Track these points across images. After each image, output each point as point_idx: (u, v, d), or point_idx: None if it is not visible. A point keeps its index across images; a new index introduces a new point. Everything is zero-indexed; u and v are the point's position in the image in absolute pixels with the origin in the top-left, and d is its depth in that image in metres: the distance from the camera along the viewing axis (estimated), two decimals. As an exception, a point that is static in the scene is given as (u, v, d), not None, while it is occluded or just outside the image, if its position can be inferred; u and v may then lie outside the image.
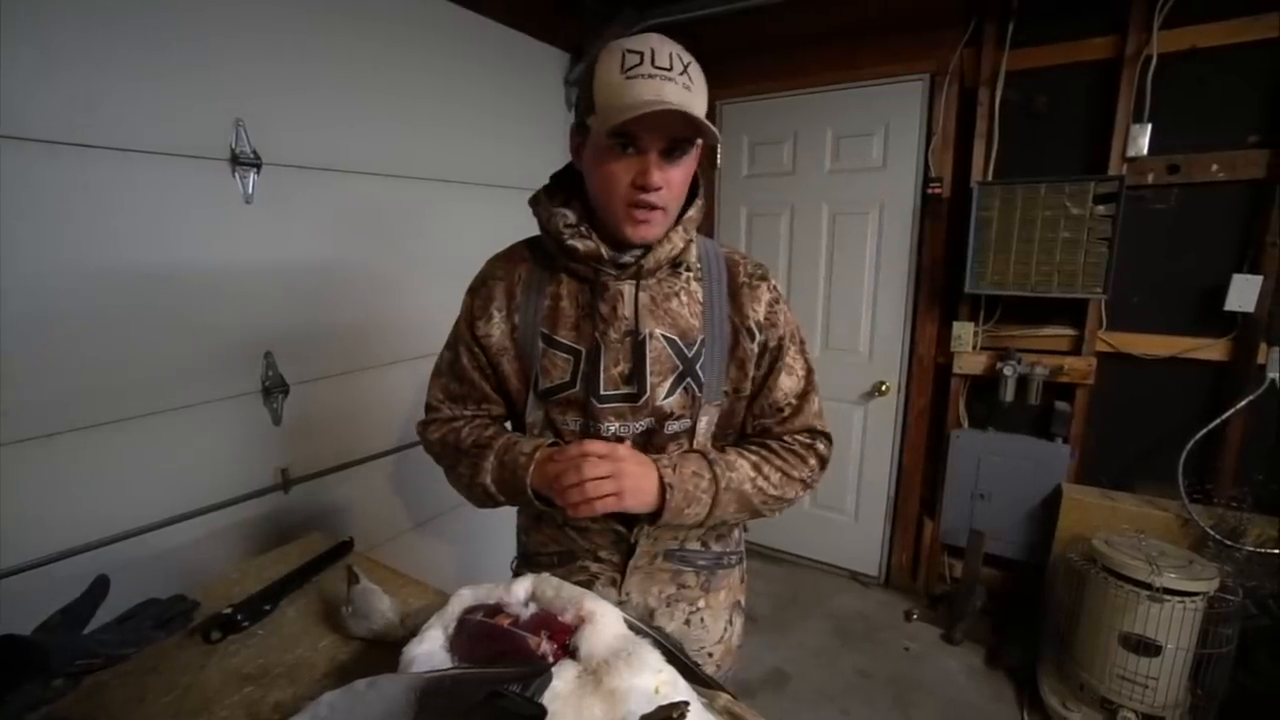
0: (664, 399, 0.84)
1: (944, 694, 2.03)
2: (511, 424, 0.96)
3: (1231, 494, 1.86)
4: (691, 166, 0.80)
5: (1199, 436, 1.85)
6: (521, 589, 0.71)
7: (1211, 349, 1.91)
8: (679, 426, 0.86)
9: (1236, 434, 1.89)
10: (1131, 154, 1.92)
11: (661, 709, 0.55)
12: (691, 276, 0.87)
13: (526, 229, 0.91)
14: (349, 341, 1.69)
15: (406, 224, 1.81)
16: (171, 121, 1.27)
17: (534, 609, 0.68)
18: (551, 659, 0.61)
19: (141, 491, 1.31)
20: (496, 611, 0.68)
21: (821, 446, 0.92)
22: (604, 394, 0.83)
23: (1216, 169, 1.84)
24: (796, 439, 0.91)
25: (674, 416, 0.85)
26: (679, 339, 0.84)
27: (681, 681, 0.61)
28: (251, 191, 1.41)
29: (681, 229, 0.83)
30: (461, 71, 1.91)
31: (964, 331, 2.25)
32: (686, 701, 0.56)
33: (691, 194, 0.85)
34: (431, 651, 0.64)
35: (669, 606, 0.95)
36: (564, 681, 0.57)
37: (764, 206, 2.67)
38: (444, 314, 0.98)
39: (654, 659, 0.61)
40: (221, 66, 1.33)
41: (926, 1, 2.16)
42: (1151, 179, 1.92)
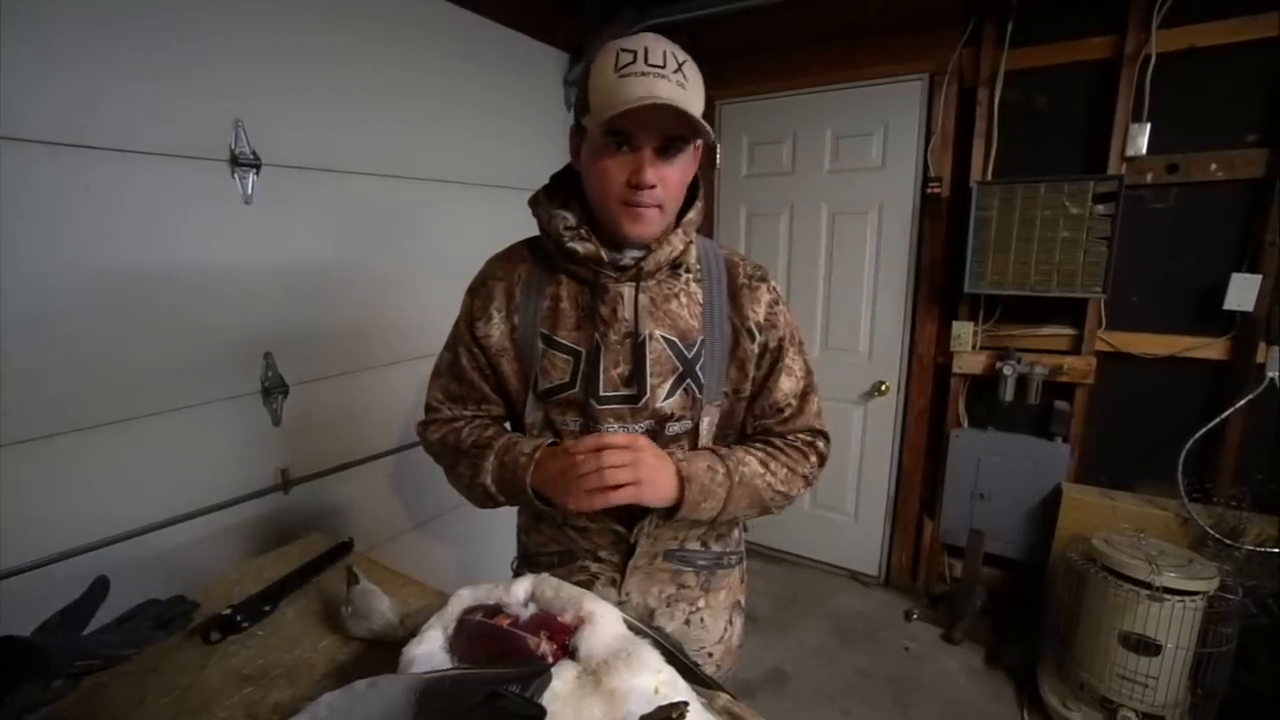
0: (664, 400, 0.84)
1: (944, 694, 2.03)
2: (511, 424, 0.96)
3: (1231, 493, 1.86)
4: (688, 166, 0.79)
5: (1198, 436, 1.85)
6: (521, 589, 0.71)
7: (1211, 348, 1.91)
8: (680, 428, 0.86)
9: (1236, 433, 1.90)
10: (1131, 153, 1.92)
11: (661, 709, 0.55)
12: (691, 278, 0.87)
13: (526, 229, 0.91)
14: (349, 342, 1.69)
15: (406, 224, 1.81)
16: (171, 122, 1.27)
17: (533, 609, 0.68)
18: (551, 659, 0.61)
19: (141, 492, 1.31)
20: (496, 612, 0.68)
21: (821, 445, 0.93)
22: (603, 395, 0.83)
23: (1215, 168, 1.84)
24: (799, 437, 0.91)
25: (674, 418, 0.85)
26: (679, 340, 0.84)
27: (681, 682, 0.61)
28: (251, 192, 1.41)
29: (681, 231, 0.84)
30: (461, 72, 1.91)
31: (963, 331, 2.25)
32: (686, 702, 0.56)
33: (692, 196, 0.86)
34: (431, 652, 0.64)
35: (669, 606, 0.95)
36: (563, 682, 0.57)
37: (763, 206, 2.67)
38: (443, 314, 0.98)
39: (653, 659, 0.61)
40: (221, 67, 1.33)
41: (926, 1, 2.16)
42: (1151, 178, 1.93)
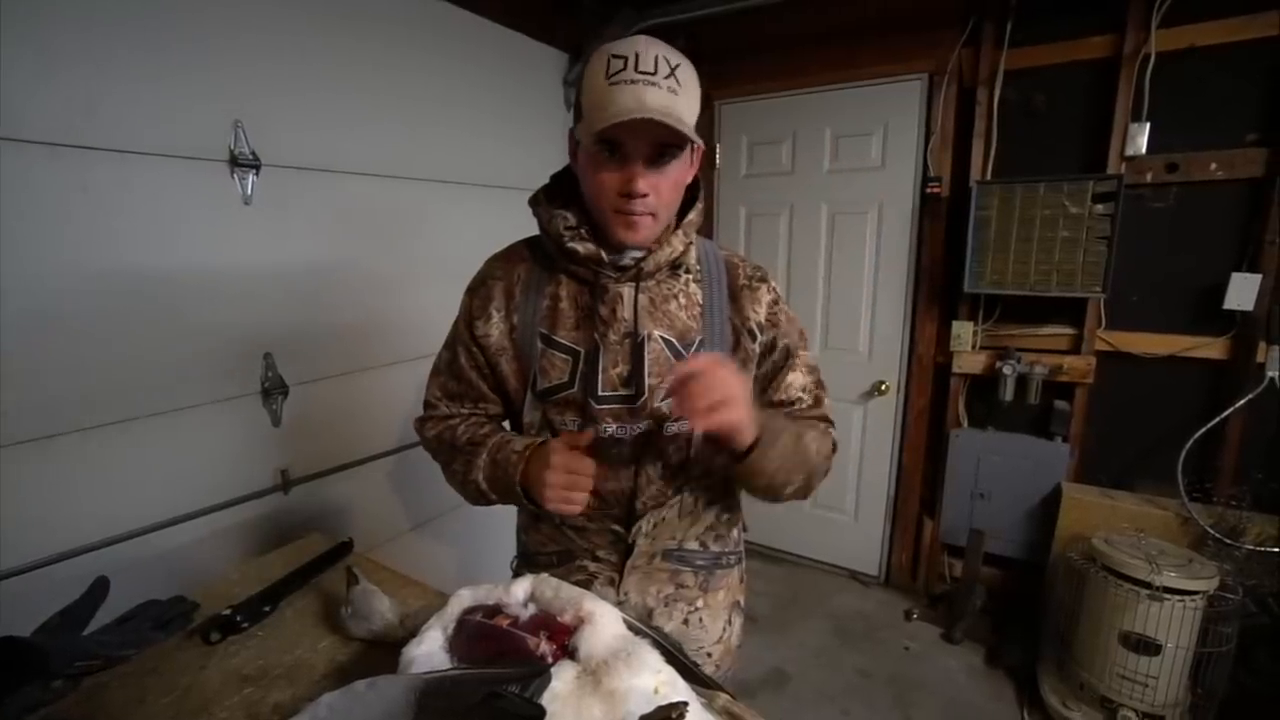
0: (662, 400, 0.84)
1: (944, 693, 2.03)
2: (510, 424, 0.96)
3: (1231, 492, 1.86)
4: (683, 171, 0.79)
5: (1198, 435, 1.85)
6: (520, 589, 0.71)
7: (1211, 347, 1.91)
8: (678, 428, 0.86)
9: (1236, 432, 1.89)
10: (1130, 153, 1.92)
11: (661, 709, 0.54)
12: (691, 279, 0.87)
13: (526, 229, 0.91)
14: (348, 342, 1.69)
15: (405, 224, 1.81)
16: (171, 123, 1.27)
17: (533, 609, 0.68)
18: (550, 659, 0.61)
19: (141, 493, 1.31)
20: (495, 612, 0.68)
21: (834, 434, 0.94)
22: (602, 395, 0.83)
23: (1215, 168, 1.84)
24: (815, 423, 0.91)
25: (673, 418, 0.85)
26: (676, 340, 0.84)
27: (681, 681, 0.61)
28: (251, 193, 1.41)
29: (681, 232, 0.83)
30: (460, 72, 1.91)
31: (963, 331, 2.25)
32: (685, 702, 0.56)
33: (692, 197, 0.85)
34: (431, 652, 0.64)
35: (667, 606, 0.95)
36: (563, 682, 0.57)
37: (763, 206, 2.67)
38: (443, 314, 0.98)
39: (653, 659, 0.61)
40: (221, 68, 1.33)
41: (925, 1, 2.16)
42: (1150, 178, 1.92)
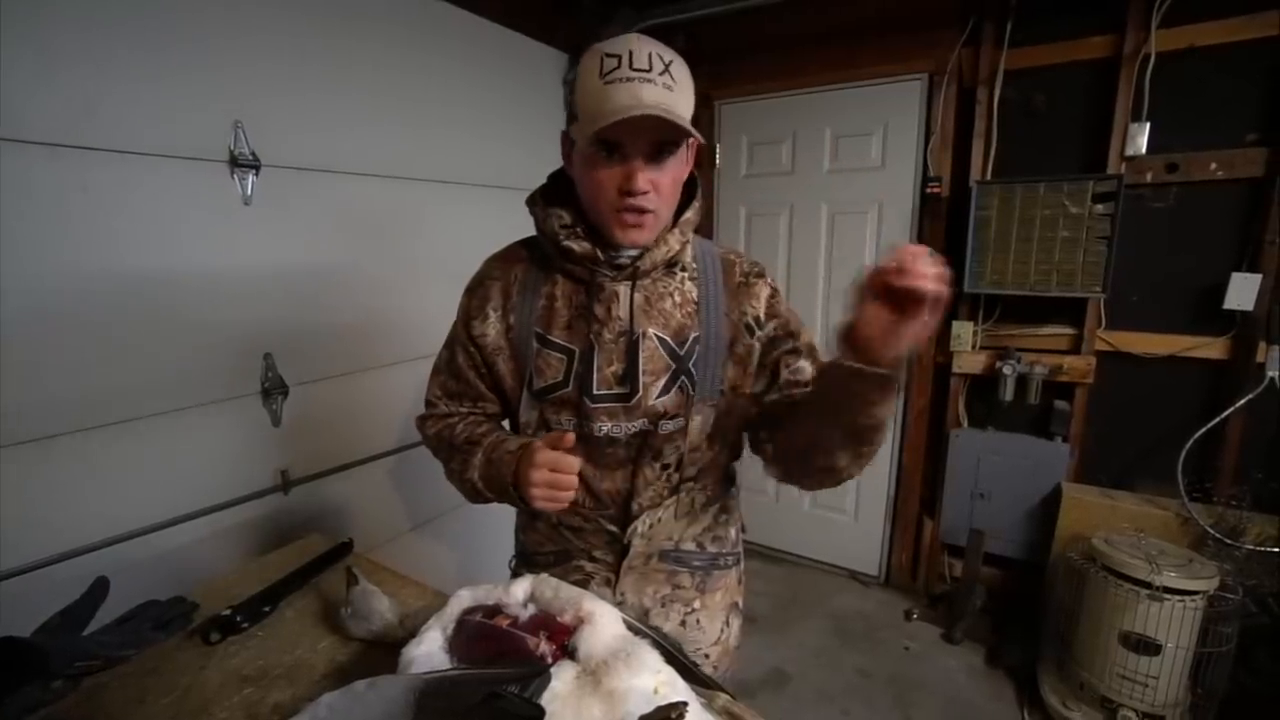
0: (657, 398, 0.84)
1: (944, 693, 2.02)
2: (509, 423, 0.97)
3: (1231, 492, 1.86)
4: (681, 168, 0.79)
5: (1198, 435, 1.85)
6: (520, 590, 0.71)
7: (1211, 347, 1.91)
8: (673, 426, 0.86)
9: (1236, 432, 1.89)
10: (1130, 153, 1.92)
11: (660, 709, 0.55)
12: (686, 276, 0.87)
13: (525, 229, 0.91)
14: (348, 342, 1.69)
15: (405, 225, 1.81)
16: (171, 123, 1.27)
17: (533, 609, 0.69)
18: (550, 660, 0.61)
19: (141, 493, 1.31)
20: (495, 612, 0.68)
21: None
22: (597, 394, 0.83)
23: (1215, 167, 1.84)
24: None
25: (668, 416, 0.85)
26: (671, 338, 0.84)
27: (680, 681, 0.61)
28: (250, 193, 1.41)
29: (678, 231, 0.83)
30: (460, 73, 1.91)
31: (963, 331, 2.25)
32: (685, 702, 0.56)
33: (689, 195, 0.85)
34: (430, 652, 0.64)
35: (664, 607, 0.95)
36: (563, 682, 0.57)
37: (763, 206, 2.66)
38: (443, 314, 0.98)
39: (653, 659, 0.61)
40: (221, 69, 1.33)
41: (925, 1, 2.16)
42: (1150, 178, 1.92)
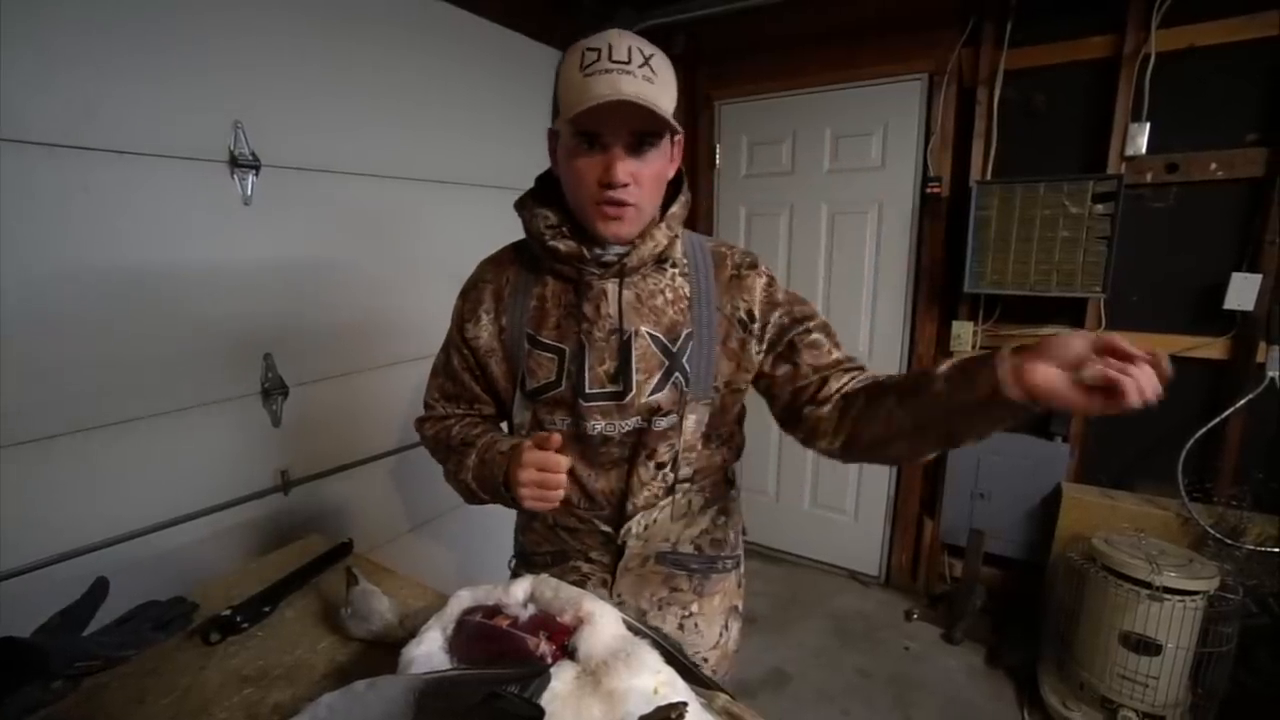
0: (651, 395, 0.83)
1: (944, 693, 2.02)
2: (507, 425, 0.97)
3: (1231, 492, 1.86)
4: (663, 162, 0.78)
5: (1199, 435, 1.85)
6: (520, 590, 0.71)
7: (1211, 347, 1.91)
8: (667, 423, 0.85)
9: (1236, 432, 1.89)
10: (1130, 153, 1.92)
11: (660, 709, 0.55)
12: (677, 272, 0.86)
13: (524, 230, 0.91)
14: (348, 343, 1.69)
15: (405, 225, 1.81)
16: (171, 124, 1.27)
17: (532, 610, 0.68)
18: (550, 660, 0.61)
19: (141, 493, 1.31)
20: (495, 612, 0.68)
21: None
22: (589, 392, 0.83)
23: (1215, 167, 1.84)
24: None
25: (663, 413, 0.85)
26: (663, 335, 0.84)
27: (680, 682, 0.61)
28: (250, 193, 1.41)
29: (665, 225, 0.82)
30: (460, 73, 1.91)
31: (963, 331, 2.25)
32: (685, 702, 0.56)
33: (676, 190, 0.85)
34: (430, 653, 0.64)
35: (661, 609, 0.95)
36: (563, 682, 0.57)
37: (763, 206, 2.65)
38: (443, 315, 0.98)
39: (653, 659, 0.61)
40: (221, 69, 1.33)
41: (925, 1, 2.16)
42: (1150, 178, 1.92)
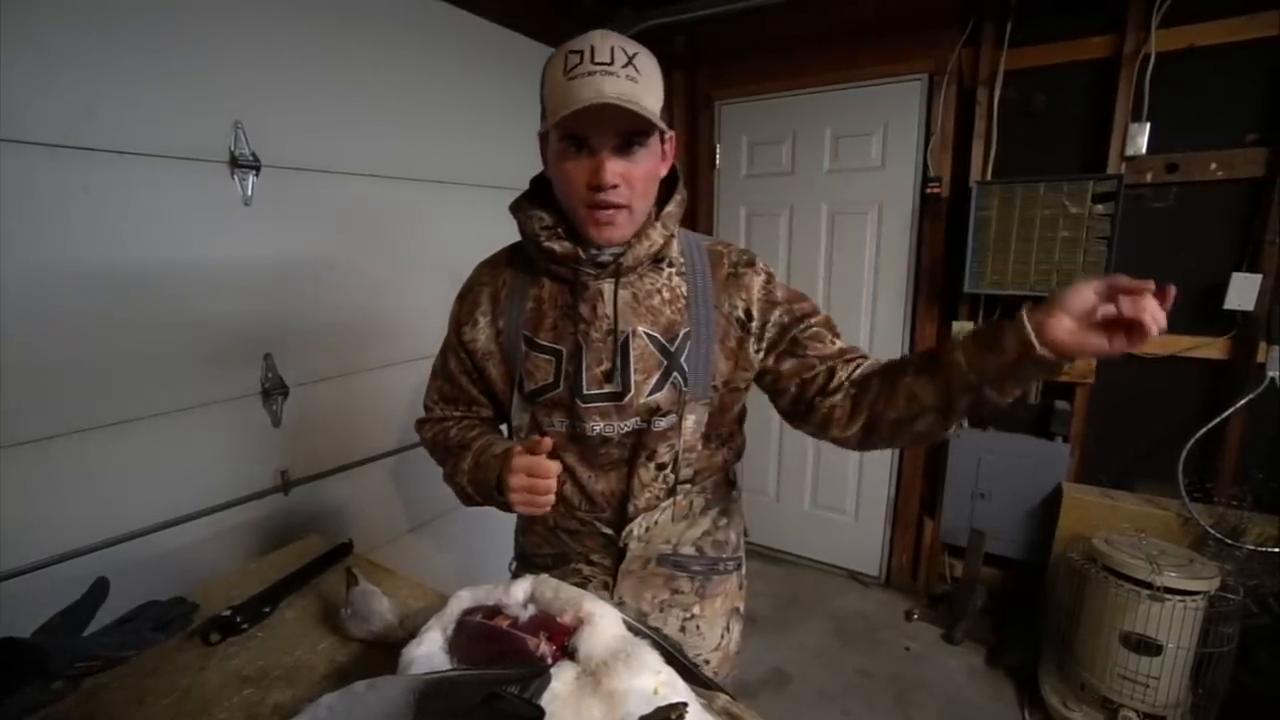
0: (650, 395, 0.83)
1: (945, 694, 2.02)
2: (506, 427, 0.97)
3: (1232, 493, 1.86)
4: (654, 161, 0.78)
5: (1199, 435, 1.85)
6: (520, 590, 0.71)
7: (1211, 347, 1.91)
8: (667, 423, 0.85)
9: (1236, 433, 1.89)
10: (1130, 153, 1.92)
11: (660, 710, 0.55)
12: (674, 272, 0.86)
13: (523, 231, 0.91)
14: (348, 343, 1.69)
15: (405, 226, 1.81)
16: (171, 124, 1.27)
17: (533, 610, 0.68)
18: (550, 660, 0.61)
19: (141, 493, 1.31)
20: (495, 613, 0.68)
21: None
22: (587, 393, 0.83)
23: (1215, 168, 1.84)
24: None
25: (662, 413, 0.85)
26: (661, 335, 0.83)
27: (680, 682, 0.61)
28: (251, 193, 1.41)
29: (660, 225, 0.82)
30: (460, 74, 1.91)
31: (964, 331, 2.25)
32: (685, 702, 0.56)
33: (671, 189, 0.84)
34: (430, 653, 0.64)
35: (662, 612, 0.94)
36: (563, 683, 0.57)
37: (763, 206, 2.65)
38: (442, 316, 0.98)
39: (653, 660, 0.61)
40: (221, 70, 1.33)
41: (925, 1, 2.16)
42: (1150, 178, 1.92)
